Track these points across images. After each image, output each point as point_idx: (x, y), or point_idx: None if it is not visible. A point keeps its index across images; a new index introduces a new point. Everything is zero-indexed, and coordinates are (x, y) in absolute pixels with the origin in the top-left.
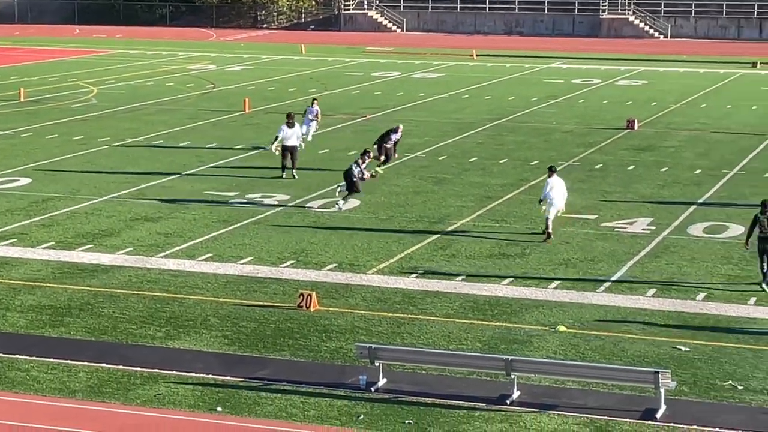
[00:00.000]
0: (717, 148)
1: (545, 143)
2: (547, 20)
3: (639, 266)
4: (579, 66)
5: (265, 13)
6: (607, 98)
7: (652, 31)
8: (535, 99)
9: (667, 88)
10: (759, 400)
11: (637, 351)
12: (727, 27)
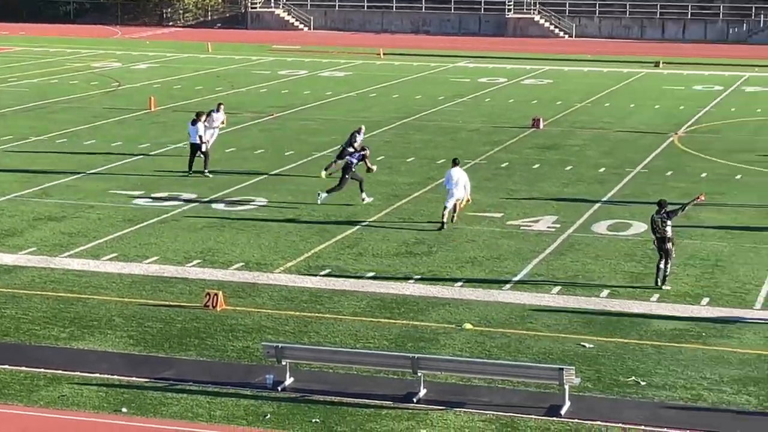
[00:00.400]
0: (620, 147)
1: (452, 142)
2: (453, 19)
3: (544, 264)
4: (485, 65)
5: (171, 11)
6: (512, 97)
7: (557, 30)
8: (441, 98)
9: (572, 87)
10: (661, 395)
11: (542, 348)
12: (630, 27)
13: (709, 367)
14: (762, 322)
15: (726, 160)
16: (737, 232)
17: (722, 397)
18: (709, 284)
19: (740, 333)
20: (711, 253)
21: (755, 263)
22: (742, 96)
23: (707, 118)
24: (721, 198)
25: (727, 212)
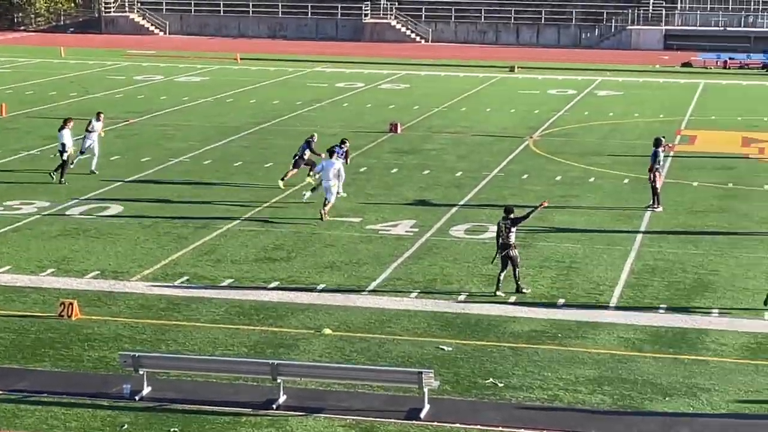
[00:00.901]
0: (477, 151)
1: None
2: (310, 24)
3: (403, 268)
4: (342, 70)
5: (22, 16)
6: (370, 102)
7: (413, 35)
8: (299, 102)
9: (429, 91)
10: (518, 396)
11: (401, 352)
12: (485, 32)
13: (565, 368)
14: (616, 323)
15: (579, 162)
16: (591, 234)
17: (578, 396)
18: (564, 286)
19: (595, 333)
20: (566, 255)
21: (609, 264)
22: (595, 100)
23: (561, 122)
24: (575, 200)
25: (581, 214)
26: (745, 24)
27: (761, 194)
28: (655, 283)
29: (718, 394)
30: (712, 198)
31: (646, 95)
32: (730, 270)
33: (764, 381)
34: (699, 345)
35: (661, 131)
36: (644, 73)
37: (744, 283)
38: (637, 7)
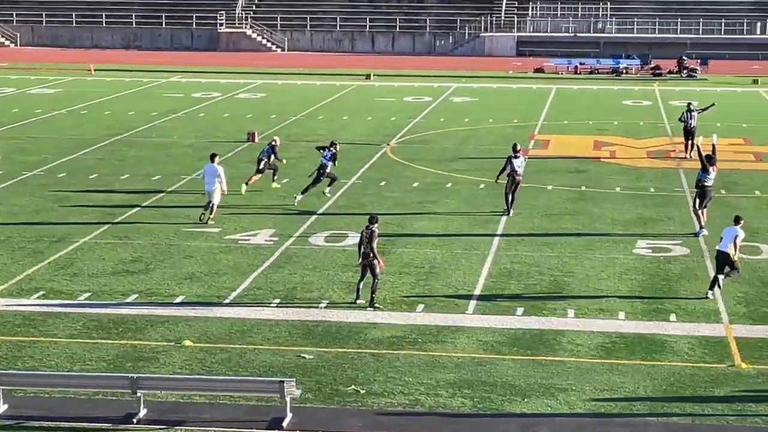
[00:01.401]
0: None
1: (167, 157)
2: (165, 34)
3: (263, 277)
4: (198, 80)
5: None
6: (227, 111)
7: (269, 44)
8: (155, 113)
9: (286, 100)
10: (380, 402)
11: (263, 361)
12: (341, 40)
13: (426, 372)
14: (475, 326)
15: (436, 168)
16: (449, 239)
17: (438, 400)
18: (423, 291)
19: (454, 337)
20: (425, 261)
21: (467, 269)
22: (451, 106)
23: (418, 129)
24: (433, 206)
25: (438, 220)
26: (594, 30)
27: (613, 196)
28: (512, 286)
29: (575, 393)
30: (566, 201)
31: (500, 101)
32: (585, 271)
33: (619, 379)
34: (556, 346)
35: (516, 136)
36: (498, 80)
37: (598, 283)
38: (490, 15)
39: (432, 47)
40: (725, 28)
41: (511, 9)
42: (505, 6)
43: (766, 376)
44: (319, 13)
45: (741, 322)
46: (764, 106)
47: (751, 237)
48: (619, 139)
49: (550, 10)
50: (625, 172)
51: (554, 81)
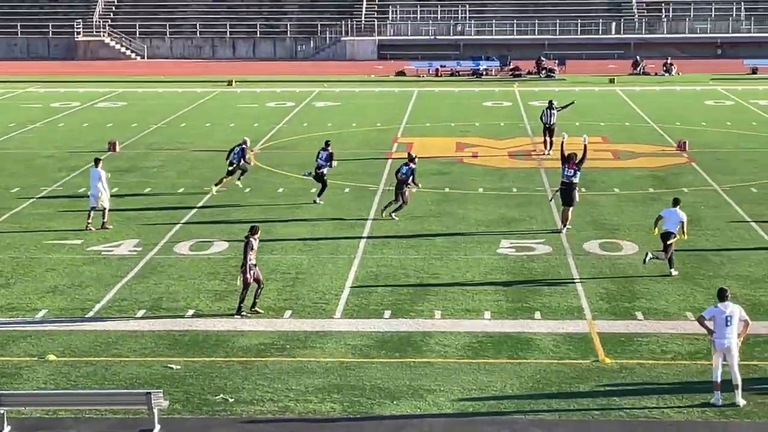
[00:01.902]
0: (199, 166)
1: (27, 169)
2: (21, 43)
3: (127, 288)
4: (57, 90)
5: None
6: (87, 121)
7: (128, 52)
8: (13, 125)
9: (147, 108)
10: (249, 410)
11: (129, 373)
12: (202, 47)
13: (295, 379)
14: (343, 331)
15: (300, 174)
16: (315, 244)
17: (308, 406)
18: (291, 297)
19: (323, 342)
20: (291, 266)
21: (333, 273)
22: (314, 111)
23: (281, 134)
24: (299, 212)
25: (304, 225)
26: (454, 33)
27: (476, 197)
28: (379, 289)
29: (444, 394)
30: (430, 203)
31: (363, 105)
32: (450, 272)
33: (486, 379)
34: (424, 347)
35: (379, 140)
36: (360, 83)
37: (463, 284)
38: (350, 19)
39: (293, 52)
40: (581, 29)
41: (371, 13)
42: (366, 10)
43: (628, 370)
44: (179, 19)
45: (603, 317)
46: (621, 105)
47: (611, 233)
48: (481, 140)
49: (410, 14)
50: (487, 172)
51: (416, 84)
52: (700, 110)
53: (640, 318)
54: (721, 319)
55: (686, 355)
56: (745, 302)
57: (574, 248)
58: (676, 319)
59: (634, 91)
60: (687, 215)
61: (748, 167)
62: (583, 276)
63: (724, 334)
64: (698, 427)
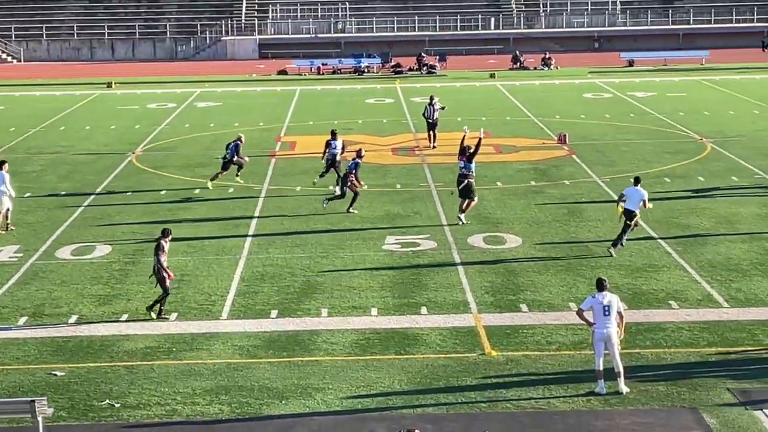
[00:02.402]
0: (80, 170)
1: None
2: None
3: (8, 295)
4: None
5: None
6: None
7: (4, 55)
8: None
9: (25, 112)
10: (136, 415)
11: (12, 382)
12: (80, 49)
13: (182, 381)
14: (230, 332)
15: (184, 175)
16: (199, 245)
17: (196, 409)
18: (176, 299)
19: (210, 344)
20: (176, 269)
21: (219, 274)
22: (195, 111)
23: (163, 136)
24: (183, 213)
25: (188, 227)
26: (335, 30)
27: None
28: (265, 288)
29: (332, 392)
30: (315, 201)
31: (245, 104)
32: (336, 270)
33: (374, 375)
34: (311, 346)
35: (262, 139)
36: (242, 83)
37: (350, 281)
38: (230, 18)
39: (173, 53)
40: (461, 25)
41: (251, 12)
42: (246, 9)
43: (514, 362)
44: (55, 21)
45: (489, 311)
46: (502, 100)
47: (495, 227)
48: (364, 137)
49: (290, 12)
50: (371, 169)
51: (298, 82)
52: (579, 103)
53: (524, 310)
54: (599, 308)
55: (570, 345)
56: (626, 291)
57: (458, 243)
58: (560, 310)
59: (514, 86)
60: (567, 208)
61: (627, 158)
62: (468, 270)
63: (604, 323)
64: (583, 416)
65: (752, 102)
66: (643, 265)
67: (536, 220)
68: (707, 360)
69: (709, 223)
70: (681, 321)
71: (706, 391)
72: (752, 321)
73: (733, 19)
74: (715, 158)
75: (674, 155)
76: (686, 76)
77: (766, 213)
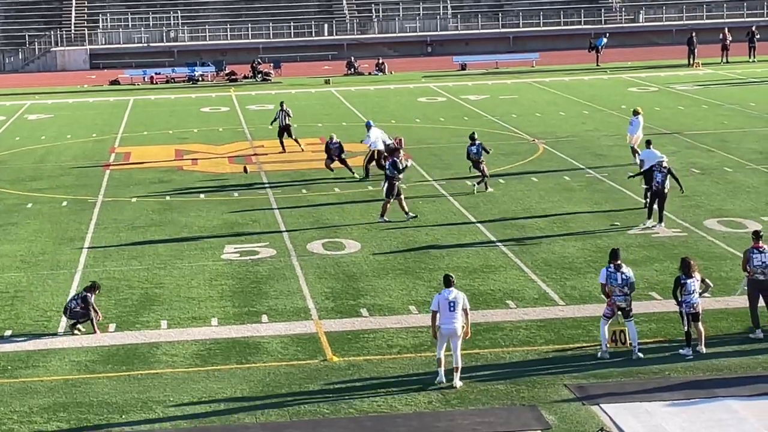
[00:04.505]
0: None
1: None
2: None
3: None
4: None
5: None
6: None
7: None
8: None
9: None
10: None
11: None
12: None
13: (18, 400)
14: (67, 347)
15: (15, 189)
16: (34, 260)
17: (34, 427)
18: (10, 317)
19: (46, 361)
20: (9, 285)
21: (54, 290)
22: (26, 124)
23: None
24: (15, 228)
25: (21, 242)
26: (167, 39)
27: (198, 203)
28: (102, 302)
29: (173, 404)
30: (152, 212)
31: (77, 116)
32: (175, 281)
33: (216, 385)
34: (151, 359)
35: (96, 150)
36: (73, 94)
37: (189, 292)
38: (59, 28)
39: (1, 65)
40: (294, 31)
41: (81, 22)
42: (75, 19)
43: (356, 366)
44: None
45: (330, 317)
46: (337, 105)
47: (334, 233)
48: (200, 146)
49: (121, 21)
50: (208, 178)
51: (131, 92)
52: (414, 107)
53: (365, 315)
54: (445, 303)
55: (411, 348)
56: (465, 292)
57: (298, 249)
58: (400, 314)
59: (349, 91)
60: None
61: (463, 161)
62: (308, 277)
63: (450, 319)
64: (425, 418)
65: (582, 103)
66: (480, 266)
67: (374, 225)
68: (545, 357)
69: (544, 223)
70: (518, 320)
71: (544, 388)
72: (587, 317)
73: (561, 21)
74: (547, 158)
75: (508, 156)
76: (518, 78)
77: (597, 211)
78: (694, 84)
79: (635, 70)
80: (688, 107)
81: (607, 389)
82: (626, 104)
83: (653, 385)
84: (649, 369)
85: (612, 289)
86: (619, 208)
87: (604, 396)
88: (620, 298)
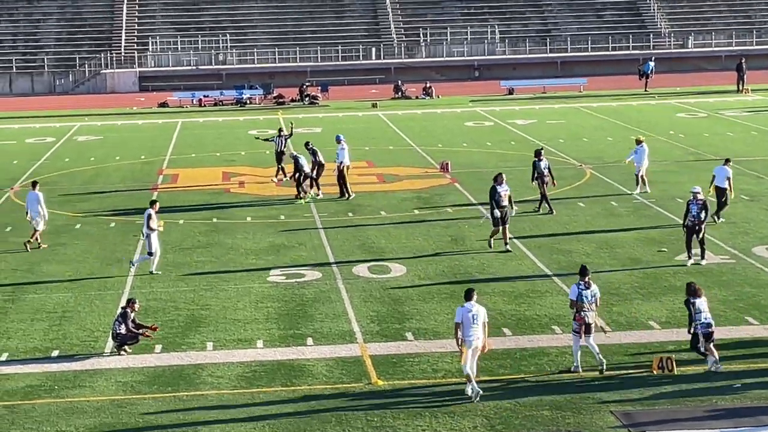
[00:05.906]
0: None
1: None
2: None
3: None
4: None
5: None
6: None
7: None
8: None
9: None
10: None
11: None
12: None
13: (64, 420)
14: (113, 368)
15: (64, 210)
16: (81, 281)
17: None
18: (58, 336)
19: (92, 381)
20: (57, 305)
21: (101, 310)
22: (75, 145)
23: (43, 171)
24: (63, 249)
25: (69, 262)
26: (216, 62)
27: (244, 226)
28: (149, 323)
29: (219, 426)
30: (199, 234)
31: (125, 138)
32: (221, 303)
33: (260, 408)
34: (197, 380)
35: (144, 172)
36: (122, 116)
37: (235, 314)
38: (110, 51)
39: (52, 87)
40: (342, 55)
41: (131, 45)
42: (125, 42)
43: (400, 391)
44: None
45: (375, 340)
46: (384, 129)
47: (379, 256)
48: (247, 169)
49: (170, 44)
50: (255, 201)
51: (179, 115)
52: (461, 132)
53: (410, 339)
54: (467, 317)
55: (456, 372)
56: (510, 317)
57: (343, 273)
58: (445, 338)
59: (396, 115)
60: (451, 235)
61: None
62: (353, 300)
63: (473, 331)
64: None
65: (629, 128)
66: (527, 290)
67: (420, 249)
68: (590, 383)
69: (590, 248)
70: (564, 345)
71: (590, 414)
72: (632, 343)
73: (609, 46)
74: (594, 183)
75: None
76: (565, 103)
77: (644, 237)
78: (743, 110)
79: (684, 96)
80: (738, 133)
81: (653, 416)
82: (674, 130)
83: (700, 413)
84: (697, 396)
85: (581, 305)
86: (667, 234)
87: (651, 424)
88: (588, 314)
